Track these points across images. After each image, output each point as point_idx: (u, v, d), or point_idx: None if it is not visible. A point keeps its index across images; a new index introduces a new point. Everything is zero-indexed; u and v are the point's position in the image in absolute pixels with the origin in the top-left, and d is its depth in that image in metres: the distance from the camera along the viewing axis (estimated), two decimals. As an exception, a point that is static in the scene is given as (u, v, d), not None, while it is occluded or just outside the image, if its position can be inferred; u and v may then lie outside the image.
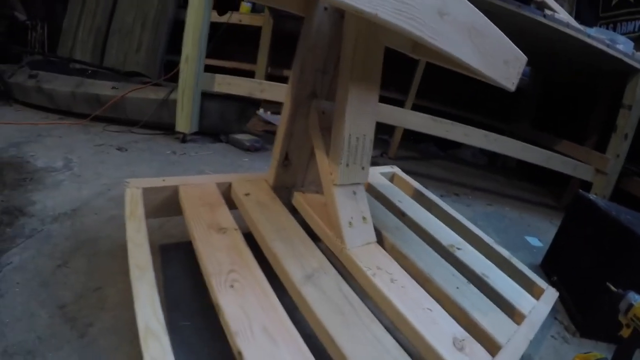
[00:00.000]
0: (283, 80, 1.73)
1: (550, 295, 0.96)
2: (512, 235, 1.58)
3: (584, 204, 1.25)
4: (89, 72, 2.18)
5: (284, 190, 0.98)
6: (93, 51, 2.29)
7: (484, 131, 1.79)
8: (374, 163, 2.10)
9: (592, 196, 1.25)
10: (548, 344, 0.97)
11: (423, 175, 2.22)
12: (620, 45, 1.70)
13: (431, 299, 0.73)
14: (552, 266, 1.33)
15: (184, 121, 1.69)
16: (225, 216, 0.82)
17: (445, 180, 2.21)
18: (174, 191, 0.91)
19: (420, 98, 2.36)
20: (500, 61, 0.71)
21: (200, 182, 0.93)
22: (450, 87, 2.86)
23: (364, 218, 0.84)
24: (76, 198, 1.17)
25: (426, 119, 1.76)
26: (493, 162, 3.05)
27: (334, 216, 0.80)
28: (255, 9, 2.59)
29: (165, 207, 0.91)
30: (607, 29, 2.47)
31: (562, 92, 2.69)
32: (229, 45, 2.70)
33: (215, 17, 1.80)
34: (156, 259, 0.91)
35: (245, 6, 2.59)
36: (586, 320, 1.05)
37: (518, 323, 0.78)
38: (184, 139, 1.77)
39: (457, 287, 0.81)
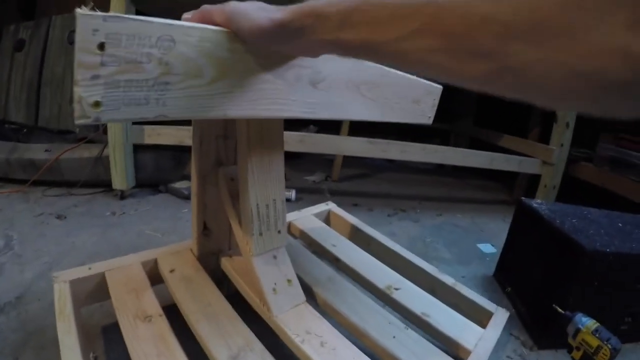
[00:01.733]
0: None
1: (500, 317, 0.98)
2: (464, 246, 1.63)
3: (528, 211, 1.26)
4: (24, 131, 2.15)
5: (210, 257, 1.00)
6: (27, 106, 2.25)
7: (421, 144, 1.84)
8: (317, 190, 2.18)
9: (535, 203, 1.28)
10: None
11: (369, 194, 2.27)
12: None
13: (364, 356, 0.75)
14: (504, 276, 1.36)
15: (120, 178, 1.69)
16: (151, 302, 0.84)
17: (393, 196, 2.26)
18: (102, 277, 0.92)
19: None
20: (408, 102, 0.75)
21: (126, 263, 0.95)
22: None
23: (288, 281, 0.87)
24: (19, 283, 1.17)
25: (362, 142, 1.79)
26: (442, 164, 3.12)
27: (257, 285, 0.84)
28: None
29: (95, 294, 0.92)
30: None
31: None
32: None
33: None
34: (99, 344, 0.94)
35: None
36: (542, 331, 1.07)
37: (460, 361, 0.81)
38: (122, 195, 1.77)
39: (394, 337, 0.83)
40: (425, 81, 0.77)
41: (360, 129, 2.00)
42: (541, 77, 0.28)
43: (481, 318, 0.99)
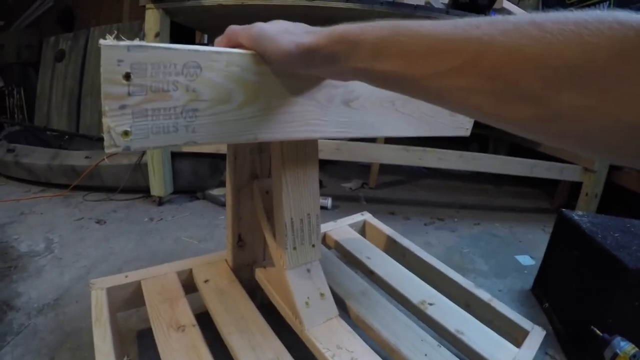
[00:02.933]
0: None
1: (536, 336, 0.95)
2: (502, 257, 1.58)
3: (568, 224, 1.21)
4: (66, 137, 2.28)
5: (245, 268, 1.02)
6: (69, 114, 2.39)
7: (458, 152, 1.80)
8: (353, 198, 2.16)
9: (576, 215, 1.22)
10: None
11: (406, 202, 2.24)
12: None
13: None
14: (543, 290, 1.31)
15: (158, 185, 1.75)
16: (185, 312, 0.87)
17: (430, 204, 2.22)
18: (138, 286, 0.95)
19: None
20: (444, 116, 0.74)
21: (162, 272, 0.98)
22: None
23: (321, 294, 0.87)
24: (58, 285, 1.24)
25: (398, 150, 1.78)
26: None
27: (290, 298, 0.84)
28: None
29: (131, 301, 0.96)
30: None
31: None
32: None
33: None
34: (133, 348, 0.98)
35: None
36: (579, 351, 1.02)
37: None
38: (160, 201, 1.83)
39: (426, 355, 0.82)
40: None
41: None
42: (591, 127, 0.26)
43: (517, 336, 0.96)
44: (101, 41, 0.35)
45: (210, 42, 2.26)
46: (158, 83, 0.38)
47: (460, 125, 0.83)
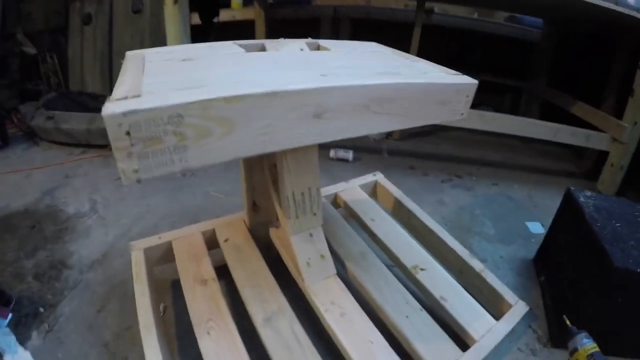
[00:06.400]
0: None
1: (517, 311, 1.07)
2: (512, 222, 1.68)
3: (573, 205, 1.21)
4: (100, 98, 2.51)
5: (260, 227, 1.22)
6: (101, 75, 2.61)
7: (478, 112, 1.84)
8: (375, 150, 2.25)
9: (582, 197, 1.22)
10: (511, 357, 1.07)
11: (427, 155, 2.31)
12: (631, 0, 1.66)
13: (376, 330, 0.93)
14: (542, 263, 1.37)
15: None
16: (207, 268, 1.09)
17: (452, 159, 2.29)
18: (169, 245, 1.19)
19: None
20: (432, 106, 0.84)
21: (189, 232, 1.21)
22: (452, 50, 2.89)
23: (322, 256, 1.06)
24: (104, 242, 1.50)
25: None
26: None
27: (294, 259, 1.04)
28: (246, 2, 2.76)
29: (165, 258, 1.20)
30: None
31: (578, 47, 2.56)
32: (230, 39, 2.90)
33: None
34: (168, 297, 1.22)
35: (236, 2, 2.75)
36: (560, 330, 1.09)
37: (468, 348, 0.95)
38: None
39: (407, 316, 0.99)
40: (455, 80, 0.84)
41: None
42: None
43: (501, 308, 1.10)
44: (103, 111, 0.50)
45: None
46: (151, 133, 0.54)
47: (454, 111, 0.89)
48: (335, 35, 2.95)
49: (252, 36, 2.73)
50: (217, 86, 0.62)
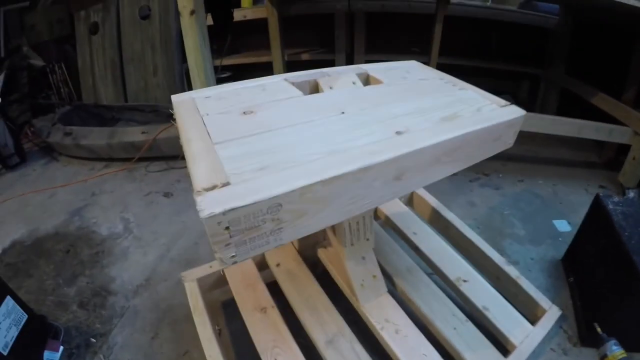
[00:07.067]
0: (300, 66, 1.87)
1: (551, 316, 1.15)
2: (540, 221, 1.74)
3: (601, 210, 1.24)
4: (116, 109, 2.53)
5: (309, 248, 1.27)
6: (114, 83, 2.61)
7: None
8: None
9: (611, 203, 1.24)
10: (545, 358, 1.15)
11: None
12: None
13: (428, 344, 1.00)
14: (571, 264, 1.42)
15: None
16: (264, 296, 1.14)
17: None
18: (220, 273, 1.24)
19: (443, 56, 2.49)
20: (487, 144, 0.88)
21: (239, 258, 1.26)
22: (472, 39, 2.91)
23: (374, 276, 1.11)
24: (145, 265, 1.50)
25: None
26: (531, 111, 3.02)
27: (349, 281, 1.09)
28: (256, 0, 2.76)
29: (217, 284, 1.26)
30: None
31: (596, 35, 2.53)
32: (243, 39, 2.96)
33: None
34: (220, 319, 1.25)
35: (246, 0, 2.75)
36: (589, 332, 1.16)
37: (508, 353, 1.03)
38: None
39: (455, 328, 1.06)
40: (507, 115, 0.87)
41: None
42: None
43: (536, 312, 1.18)
44: (200, 213, 0.50)
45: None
46: (250, 224, 0.55)
47: (504, 144, 0.94)
48: (351, 29, 2.95)
49: (266, 35, 2.72)
50: (305, 162, 0.64)
